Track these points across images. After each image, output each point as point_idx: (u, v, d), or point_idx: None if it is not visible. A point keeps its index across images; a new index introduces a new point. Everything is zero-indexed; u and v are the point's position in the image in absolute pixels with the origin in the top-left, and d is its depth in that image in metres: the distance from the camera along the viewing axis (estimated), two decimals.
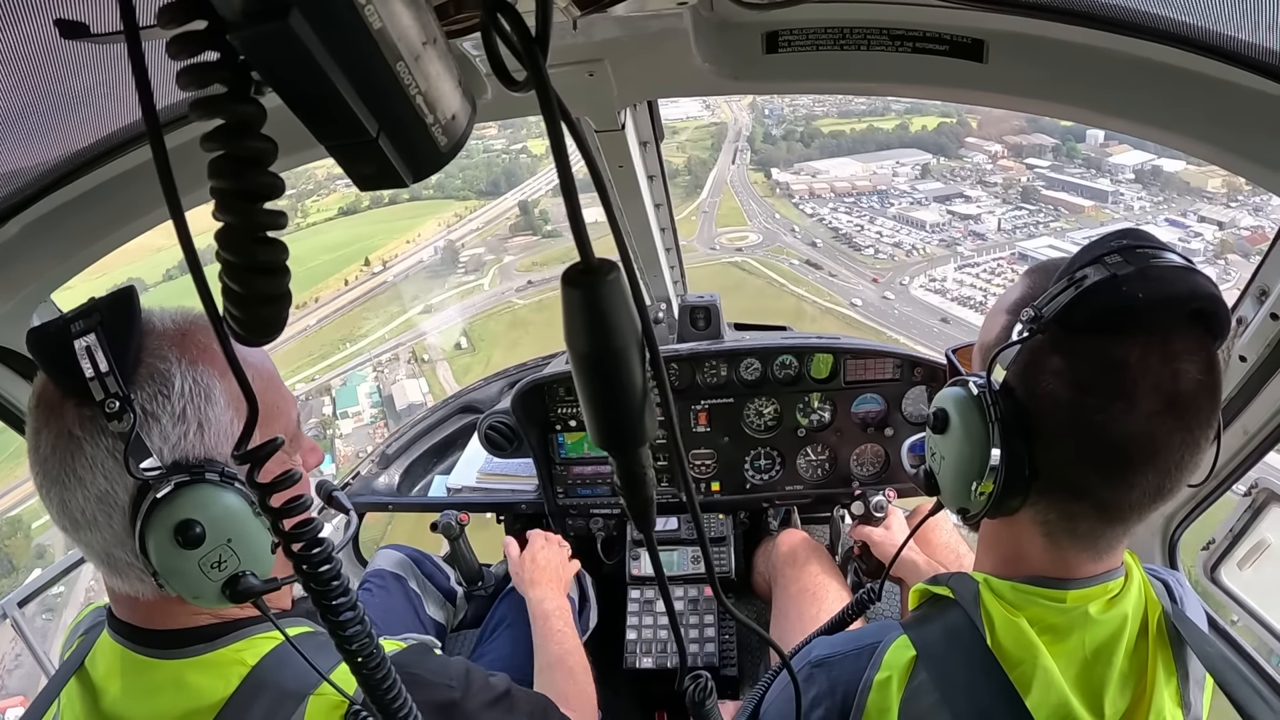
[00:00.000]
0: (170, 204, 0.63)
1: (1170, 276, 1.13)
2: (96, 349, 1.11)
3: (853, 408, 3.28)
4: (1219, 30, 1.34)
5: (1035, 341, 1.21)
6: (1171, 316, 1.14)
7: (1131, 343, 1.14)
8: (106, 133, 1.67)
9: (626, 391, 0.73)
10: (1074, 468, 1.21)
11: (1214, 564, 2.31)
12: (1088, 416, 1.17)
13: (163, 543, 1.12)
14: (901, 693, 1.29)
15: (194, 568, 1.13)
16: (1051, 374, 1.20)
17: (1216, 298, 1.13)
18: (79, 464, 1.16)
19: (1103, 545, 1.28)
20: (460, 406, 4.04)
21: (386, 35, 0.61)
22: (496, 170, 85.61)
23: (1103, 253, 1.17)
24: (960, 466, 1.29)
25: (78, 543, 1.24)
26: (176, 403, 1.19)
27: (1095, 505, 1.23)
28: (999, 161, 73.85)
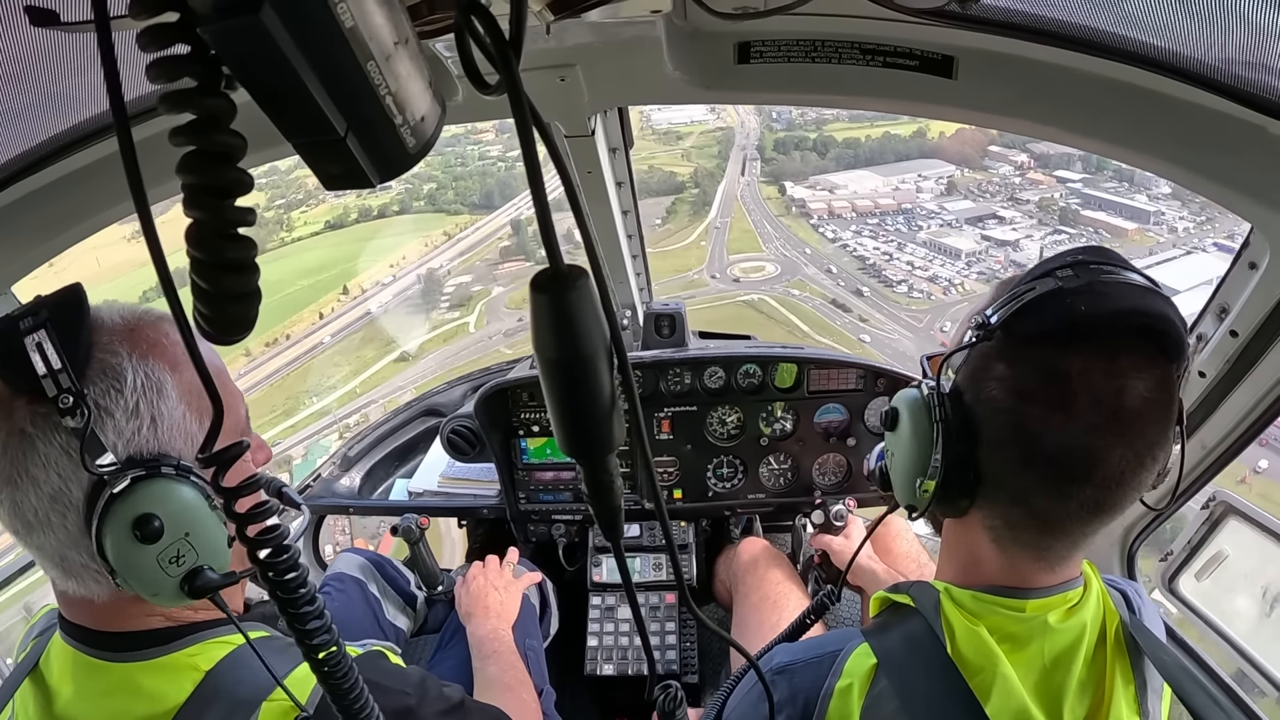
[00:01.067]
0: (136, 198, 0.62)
1: (1117, 292, 1.16)
2: (47, 345, 1.09)
3: (815, 417, 3.30)
4: (1184, 52, 1.37)
5: (984, 348, 1.24)
6: (1117, 333, 1.16)
7: (1074, 355, 1.16)
8: (72, 124, 1.65)
9: (594, 398, 0.73)
10: (1013, 474, 1.24)
11: (1172, 575, 2.35)
12: (1027, 425, 1.19)
13: (120, 539, 1.10)
14: (863, 700, 1.30)
15: (152, 563, 1.11)
16: (995, 380, 1.23)
17: (1166, 316, 1.15)
18: (31, 463, 1.14)
19: (1052, 556, 1.30)
20: (423, 410, 4.01)
21: (358, 34, 0.61)
22: (490, 182, 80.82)
23: (1056, 266, 1.20)
24: (906, 463, 1.33)
25: (29, 546, 1.21)
26: (129, 397, 1.17)
27: (1032, 514, 1.26)
28: (1028, 174, 68.93)
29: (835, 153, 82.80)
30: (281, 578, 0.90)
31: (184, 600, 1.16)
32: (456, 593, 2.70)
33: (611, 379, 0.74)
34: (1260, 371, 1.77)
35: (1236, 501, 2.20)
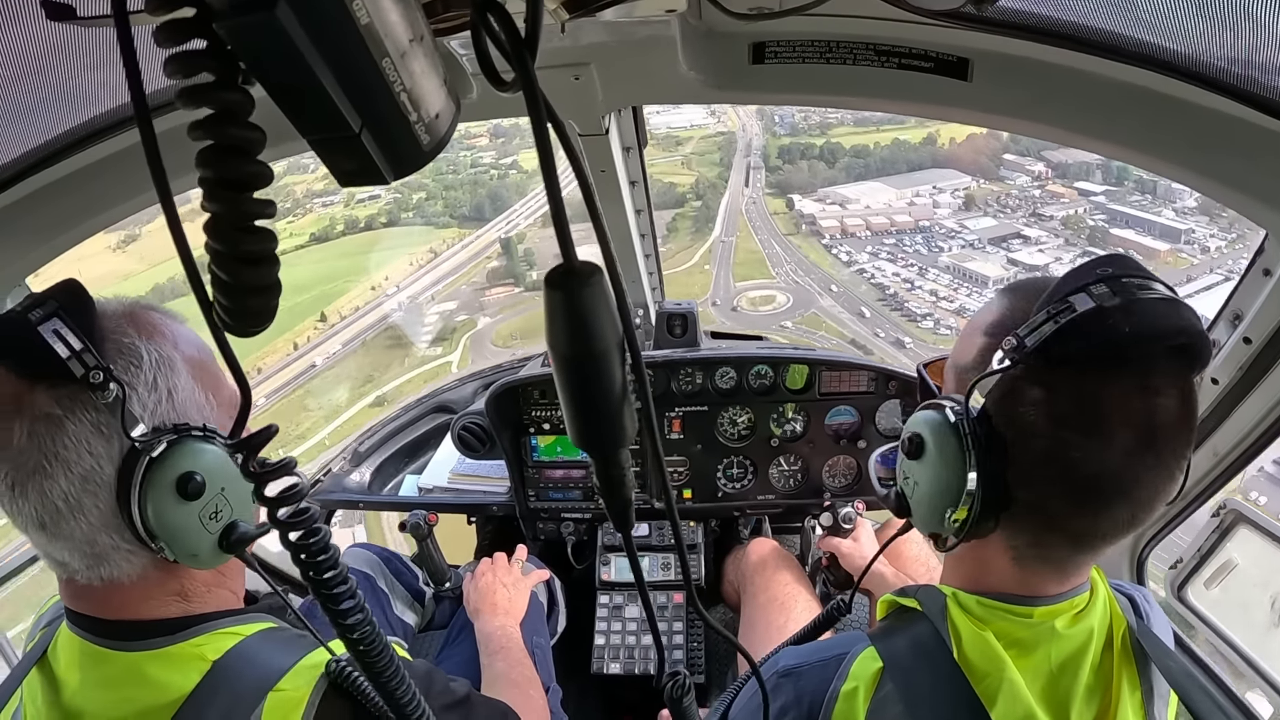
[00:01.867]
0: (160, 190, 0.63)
1: (1157, 311, 1.11)
2: (65, 330, 1.12)
3: (826, 419, 3.29)
4: (1201, 57, 1.36)
5: (1015, 370, 1.18)
6: (1155, 351, 1.12)
7: (1114, 379, 1.13)
8: (87, 117, 1.66)
9: (607, 394, 0.73)
10: (1048, 499, 1.20)
11: (1181, 583, 2.34)
12: (1064, 452, 1.15)
13: (164, 500, 1.15)
14: (868, 704, 1.29)
15: (195, 521, 1.16)
16: (1030, 405, 1.18)
17: (1201, 332, 1.12)
18: (61, 445, 1.15)
19: (1070, 569, 1.29)
20: (434, 406, 4.02)
21: (373, 31, 0.61)
22: (481, 192, 77.29)
23: (1089, 281, 1.14)
24: (935, 493, 1.27)
25: (55, 538, 1.21)
26: (148, 372, 1.22)
27: (1066, 535, 1.23)
28: (1047, 186, 65.93)
29: (844, 162, 79.44)
30: (314, 557, 0.92)
31: (219, 558, 1.21)
32: (465, 589, 2.71)
33: (624, 375, 0.74)
34: (1273, 379, 1.76)
35: (1247, 510, 2.18)
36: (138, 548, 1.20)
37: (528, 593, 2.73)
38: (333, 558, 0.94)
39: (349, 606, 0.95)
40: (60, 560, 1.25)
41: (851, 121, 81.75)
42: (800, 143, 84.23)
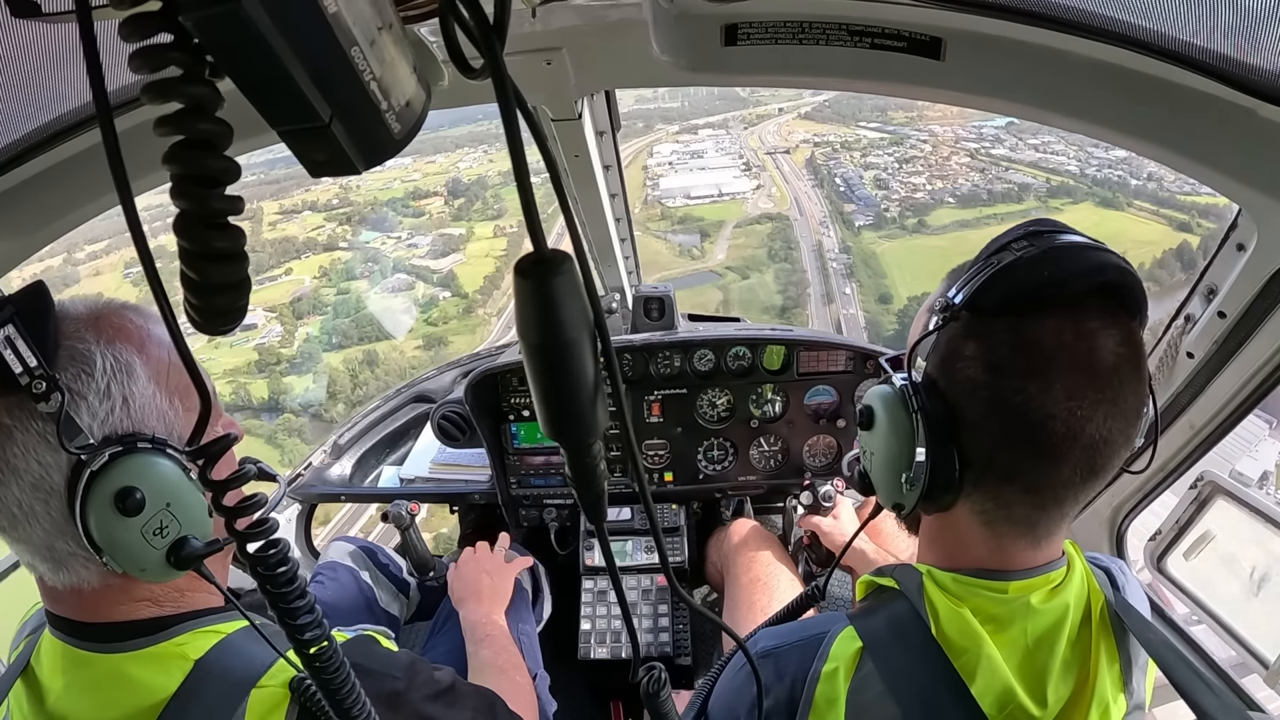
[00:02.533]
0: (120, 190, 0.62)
1: (1074, 253, 1.16)
2: (15, 337, 1.11)
3: (805, 399, 3.31)
4: (1172, 34, 1.36)
5: (950, 330, 1.23)
6: (1079, 290, 1.16)
7: (1043, 320, 1.15)
8: (55, 115, 1.63)
9: (578, 384, 0.73)
10: (1000, 452, 1.22)
11: (1160, 554, 2.38)
12: (1006, 398, 1.18)
13: (103, 515, 1.13)
14: (849, 683, 1.30)
15: (137, 536, 1.14)
16: (968, 360, 1.21)
17: (1124, 269, 1.16)
18: (11, 453, 1.15)
19: (1040, 531, 1.29)
20: (413, 396, 4.01)
21: (341, 20, 0.61)
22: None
23: (1009, 240, 1.21)
24: (889, 461, 1.32)
25: (15, 542, 1.22)
26: (100, 380, 1.19)
27: (1026, 488, 1.24)
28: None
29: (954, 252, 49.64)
30: (272, 570, 0.90)
31: (171, 574, 1.18)
32: (449, 578, 2.70)
33: (595, 364, 0.73)
34: (1248, 352, 1.78)
35: (1224, 481, 2.22)
36: (91, 556, 1.18)
37: (512, 580, 2.73)
38: (291, 571, 0.93)
39: (306, 622, 0.94)
40: (28, 562, 1.25)
41: (954, 202, 64.33)
42: (892, 237, 62.02)
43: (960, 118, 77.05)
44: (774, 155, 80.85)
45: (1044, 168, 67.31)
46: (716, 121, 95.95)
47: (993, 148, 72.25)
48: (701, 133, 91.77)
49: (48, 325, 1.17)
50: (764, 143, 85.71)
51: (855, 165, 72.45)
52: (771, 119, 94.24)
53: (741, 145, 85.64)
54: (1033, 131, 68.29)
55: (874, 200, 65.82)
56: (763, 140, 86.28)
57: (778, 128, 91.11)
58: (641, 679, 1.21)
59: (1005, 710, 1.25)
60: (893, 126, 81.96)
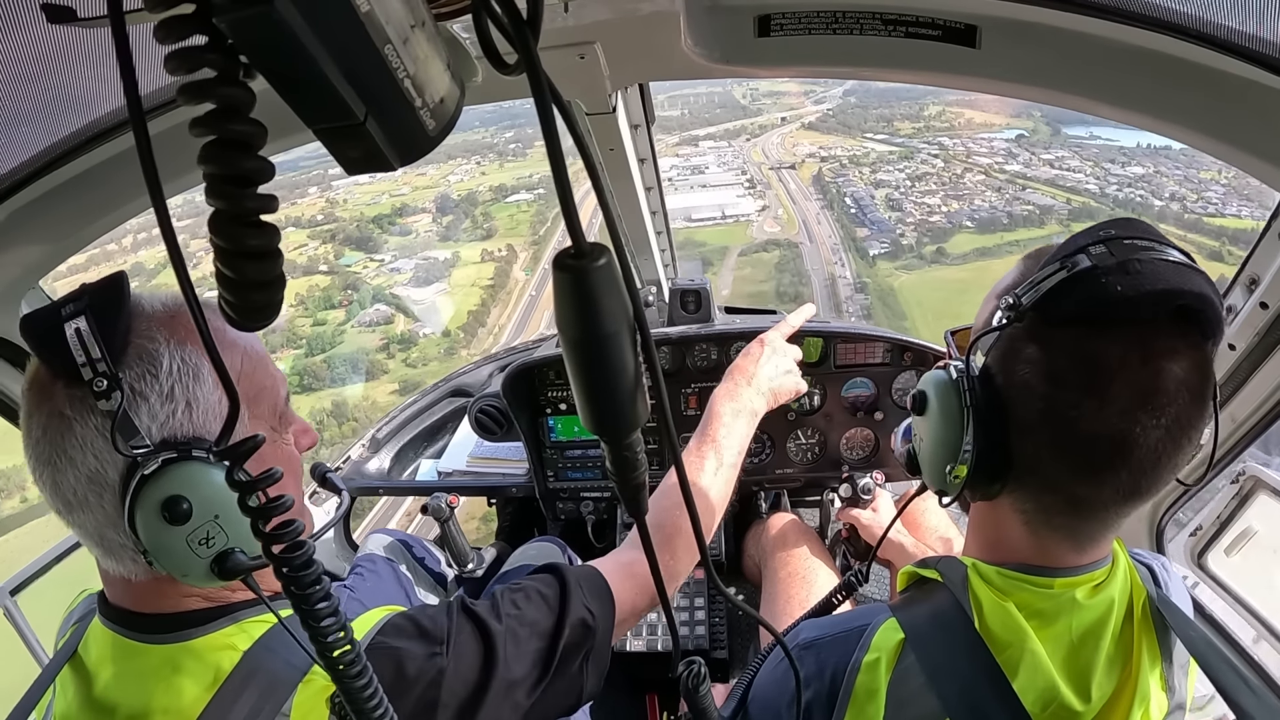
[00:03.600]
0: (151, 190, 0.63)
1: (1154, 271, 1.10)
2: (85, 330, 1.13)
3: (843, 391, 3.29)
4: (1214, 19, 1.33)
5: (1014, 329, 1.20)
6: (1153, 313, 1.11)
7: (1109, 338, 1.12)
8: (93, 118, 1.66)
9: (618, 377, 0.73)
10: (1046, 460, 1.20)
11: (1201, 550, 2.33)
12: (1060, 411, 1.15)
13: (150, 519, 1.14)
14: (890, 674, 1.30)
15: (182, 544, 1.15)
16: (1027, 363, 1.19)
17: (1204, 296, 1.10)
18: (69, 444, 1.17)
19: (1083, 538, 1.28)
20: (450, 390, 4.04)
21: (374, 18, 0.61)
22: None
23: (1089, 242, 1.15)
24: (936, 448, 1.30)
25: (72, 525, 1.24)
26: (165, 382, 1.20)
27: (1068, 499, 1.23)
28: None
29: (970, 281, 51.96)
30: (296, 573, 0.91)
31: (215, 581, 1.20)
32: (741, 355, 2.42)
33: (635, 357, 0.73)
34: None
35: (1266, 476, 2.17)
36: (140, 553, 1.20)
37: (790, 393, 2.42)
38: (316, 573, 0.93)
39: (330, 624, 0.95)
40: (85, 544, 1.28)
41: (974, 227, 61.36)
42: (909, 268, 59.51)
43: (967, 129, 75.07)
44: (779, 171, 79.71)
45: (1063, 186, 64.22)
46: (718, 133, 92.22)
47: (1006, 163, 69.28)
48: (702, 144, 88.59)
49: (119, 321, 1.19)
50: (768, 156, 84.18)
51: (865, 183, 69.02)
52: (774, 129, 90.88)
53: (745, 159, 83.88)
54: (1044, 145, 66.47)
55: (889, 225, 62.65)
56: (766, 153, 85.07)
57: (781, 139, 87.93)
58: (681, 673, 1.21)
59: (1048, 707, 1.23)
60: (901, 139, 78.97)
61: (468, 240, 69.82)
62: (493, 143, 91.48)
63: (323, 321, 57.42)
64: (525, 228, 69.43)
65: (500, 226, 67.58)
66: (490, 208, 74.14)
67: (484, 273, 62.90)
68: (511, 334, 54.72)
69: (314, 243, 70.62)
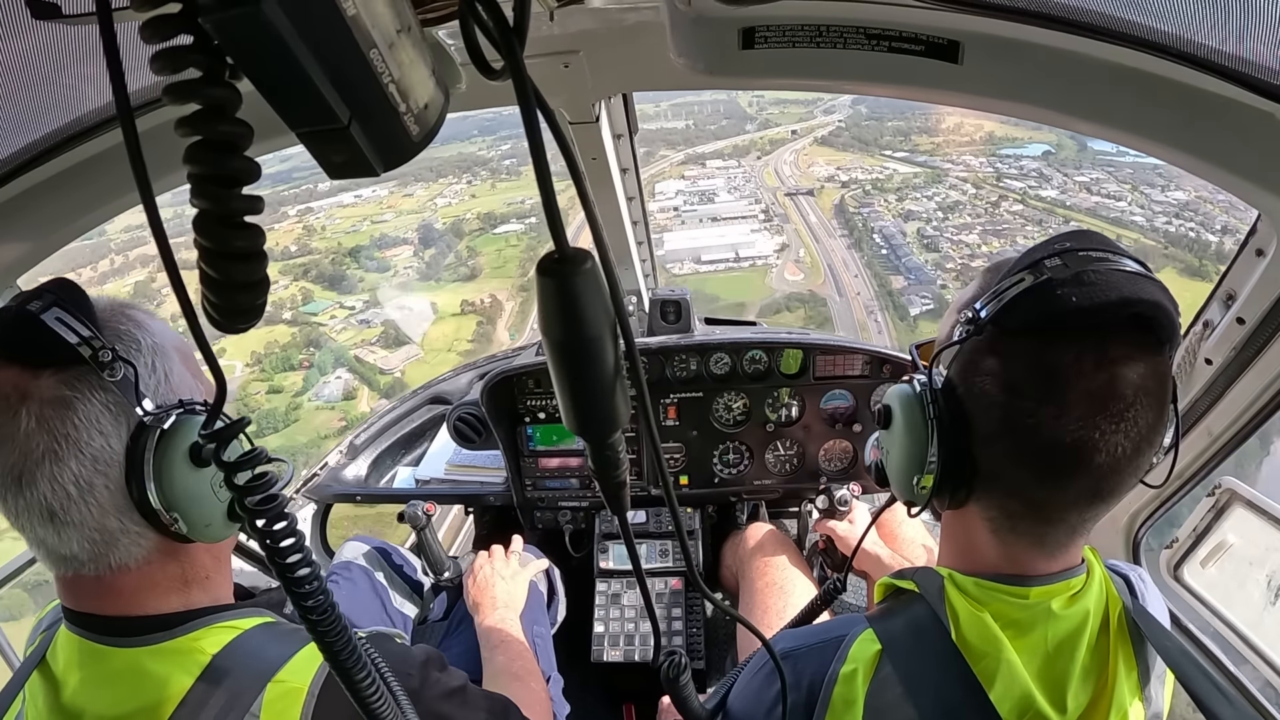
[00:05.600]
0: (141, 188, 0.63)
1: (1108, 281, 1.13)
2: (68, 316, 1.17)
3: (821, 403, 3.30)
4: (1193, 38, 1.35)
5: (974, 341, 1.23)
6: (1107, 321, 1.13)
7: (1064, 347, 1.14)
8: (75, 116, 1.65)
9: (600, 378, 0.73)
10: (1007, 467, 1.22)
11: (1177, 562, 2.35)
12: (1019, 419, 1.17)
13: (178, 470, 1.20)
14: (867, 685, 1.30)
15: (207, 489, 1.22)
16: (986, 374, 1.21)
17: (1158, 303, 1.12)
18: (71, 425, 1.17)
19: (1050, 543, 1.29)
20: (429, 398, 4.02)
21: (360, 22, 0.61)
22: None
23: (1043, 256, 1.18)
24: (902, 460, 1.32)
25: (65, 526, 1.20)
26: (146, 355, 1.27)
27: (1029, 504, 1.25)
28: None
29: None
30: (278, 544, 0.91)
31: (228, 528, 1.27)
32: (464, 584, 2.71)
33: (617, 359, 0.74)
34: (1267, 359, 1.76)
35: (1242, 489, 2.19)
36: (145, 529, 1.23)
37: (526, 583, 2.72)
38: (299, 544, 0.94)
39: (310, 589, 0.95)
40: (65, 554, 1.24)
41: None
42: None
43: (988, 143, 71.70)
44: (795, 197, 70.78)
45: (1107, 218, 57.78)
46: (726, 150, 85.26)
47: (1040, 187, 63.70)
48: (710, 164, 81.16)
49: (90, 308, 1.23)
50: (781, 179, 75.24)
51: (893, 214, 62.41)
52: (786, 144, 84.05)
53: (757, 183, 75.15)
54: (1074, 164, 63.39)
55: (926, 272, 55.01)
56: (780, 175, 76.26)
57: (794, 157, 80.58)
58: (662, 664, 1.21)
59: (1024, 716, 1.24)
60: (922, 157, 73.81)
61: (450, 280, 61.24)
62: (487, 157, 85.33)
63: (279, 389, 49.58)
64: (514, 266, 60.78)
65: (485, 264, 61.31)
66: (476, 240, 67.55)
67: (463, 331, 54.60)
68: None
69: (284, 279, 62.18)
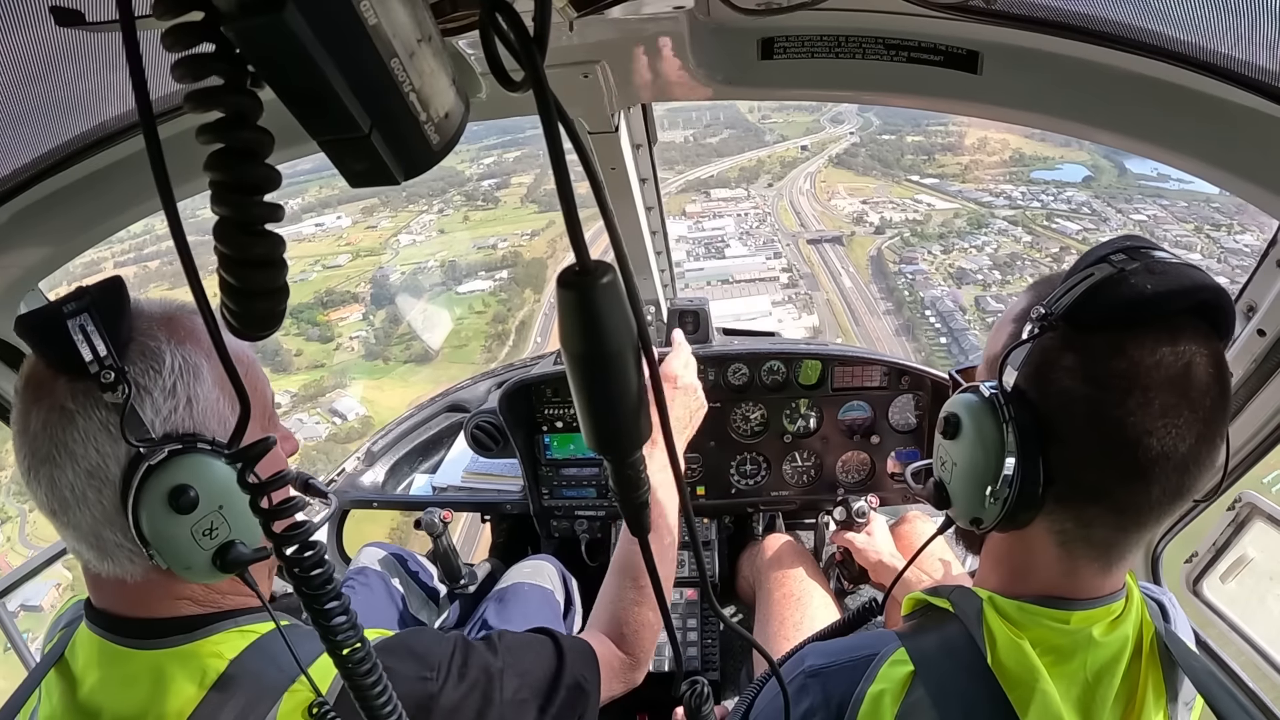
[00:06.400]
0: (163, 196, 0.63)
1: (1175, 271, 1.13)
2: (89, 325, 1.15)
3: (840, 415, 3.29)
4: (1212, 47, 1.35)
5: (1046, 340, 1.20)
6: (1179, 309, 1.13)
7: (1143, 336, 1.13)
8: (98, 122, 1.67)
9: (622, 395, 0.72)
10: (1091, 469, 1.19)
11: (1197, 577, 2.33)
12: (1104, 412, 1.15)
13: (156, 509, 1.15)
14: (896, 708, 1.26)
15: (186, 535, 1.16)
16: (1064, 371, 1.18)
17: (1220, 290, 1.13)
18: (70, 438, 1.17)
19: (1115, 555, 1.26)
20: (447, 405, 4.03)
21: (381, 31, 0.61)
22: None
23: (1107, 253, 1.17)
24: (973, 472, 1.26)
25: (65, 526, 1.24)
26: (167, 378, 1.22)
27: (1112, 508, 1.21)
28: None
29: None
30: (307, 573, 0.91)
31: (216, 575, 1.21)
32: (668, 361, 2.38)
33: (639, 375, 0.73)
34: None
35: (1262, 503, 2.16)
36: (138, 549, 1.21)
37: (701, 409, 2.40)
38: (327, 573, 0.93)
39: (340, 623, 0.95)
40: (74, 548, 1.27)
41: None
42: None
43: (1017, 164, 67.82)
44: (820, 245, 62.78)
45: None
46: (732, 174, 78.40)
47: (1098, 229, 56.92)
48: (715, 193, 75.50)
49: (122, 318, 1.21)
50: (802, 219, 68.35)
51: (942, 275, 56.00)
52: (798, 165, 78.68)
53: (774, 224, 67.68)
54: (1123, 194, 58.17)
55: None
56: (798, 210, 70.31)
57: (811, 185, 76.38)
58: (684, 692, 1.20)
59: None
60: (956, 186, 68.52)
61: (400, 360, 50.69)
62: (466, 175, 79.18)
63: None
64: (476, 350, 52.64)
65: (442, 347, 52.41)
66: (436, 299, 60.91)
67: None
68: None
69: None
